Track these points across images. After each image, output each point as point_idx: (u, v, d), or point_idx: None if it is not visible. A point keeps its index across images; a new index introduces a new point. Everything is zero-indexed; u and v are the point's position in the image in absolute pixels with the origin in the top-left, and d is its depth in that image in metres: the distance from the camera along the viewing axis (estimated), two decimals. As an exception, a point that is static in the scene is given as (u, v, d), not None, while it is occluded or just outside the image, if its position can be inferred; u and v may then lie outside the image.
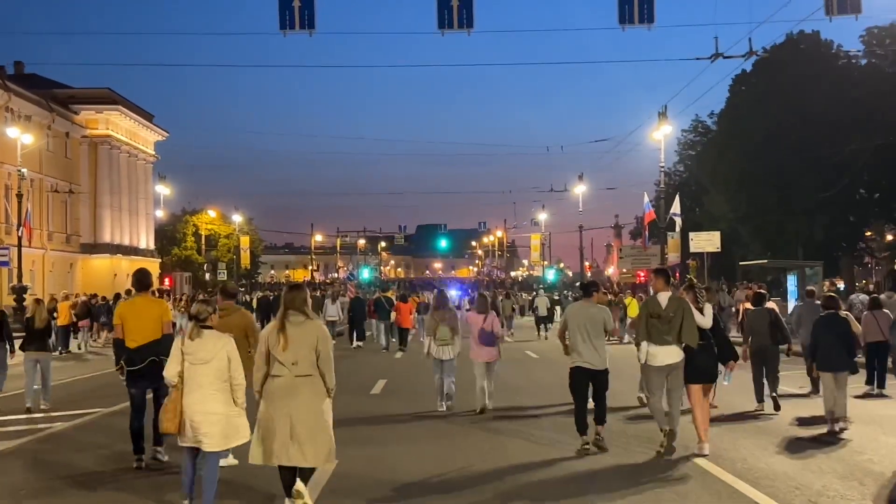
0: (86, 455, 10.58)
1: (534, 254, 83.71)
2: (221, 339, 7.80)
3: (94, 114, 64.63)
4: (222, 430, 7.60)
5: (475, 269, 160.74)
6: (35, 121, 56.09)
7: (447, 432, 12.22)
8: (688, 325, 10.19)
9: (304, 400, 7.36)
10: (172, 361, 7.78)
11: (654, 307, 10.36)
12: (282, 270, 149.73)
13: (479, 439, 11.53)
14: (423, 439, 11.64)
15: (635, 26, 18.74)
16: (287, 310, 7.52)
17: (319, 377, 7.44)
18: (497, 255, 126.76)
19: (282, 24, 18.70)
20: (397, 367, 22.65)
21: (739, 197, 50.20)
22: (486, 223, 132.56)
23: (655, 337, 10.22)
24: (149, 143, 74.81)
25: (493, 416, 13.35)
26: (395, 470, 9.54)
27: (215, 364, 7.63)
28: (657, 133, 37.57)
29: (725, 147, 52.87)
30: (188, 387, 7.64)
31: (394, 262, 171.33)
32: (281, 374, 7.39)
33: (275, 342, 7.41)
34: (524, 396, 15.75)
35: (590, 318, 10.63)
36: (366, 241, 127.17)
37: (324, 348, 7.47)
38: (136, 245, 71.15)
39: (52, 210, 59.74)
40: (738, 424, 12.48)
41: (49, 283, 56.91)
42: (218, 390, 7.62)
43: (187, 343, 7.71)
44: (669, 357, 10.21)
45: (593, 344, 10.56)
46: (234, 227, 79.87)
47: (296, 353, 7.37)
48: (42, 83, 62.66)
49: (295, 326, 7.43)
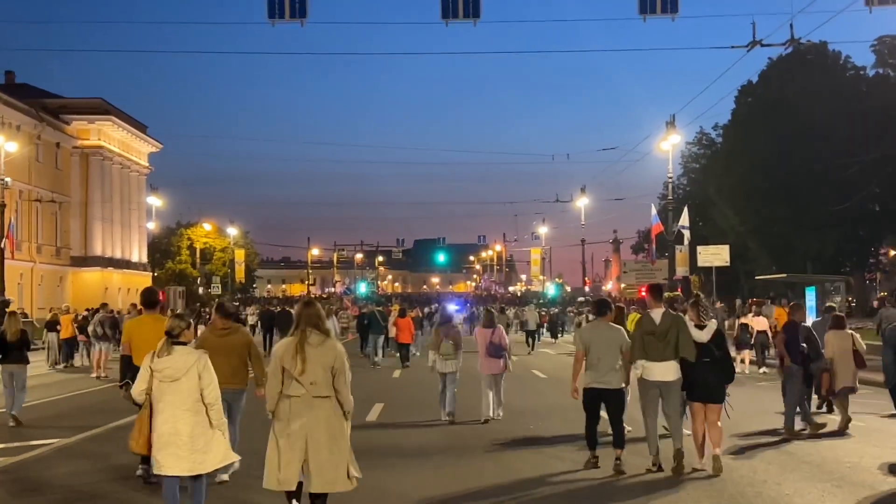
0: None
1: (534, 268, 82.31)
2: (193, 356, 7.25)
3: (86, 124, 63.39)
4: (192, 454, 7.07)
5: (473, 283, 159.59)
6: (24, 130, 54.82)
7: (455, 465, 10.87)
8: (683, 339, 10.09)
9: (322, 422, 7.04)
10: (140, 379, 7.30)
11: (649, 324, 10.28)
12: (278, 285, 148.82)
13: (488, 467, 10.32)
14: (427, 464, 10.46)
15: (657, 16, 17.36)
16: (306, 328, 7.14)
17: (335, 398, 7.10)
18: (496, 269, 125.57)
19: (270, 13, 17.28)
20: (395, 387, 20.96)
21: (747, 210, 49.07)
22: (485, 237, 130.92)
23: (651, 354, 10.14)
24: (142, 155, 73.54)
25: (503, 443, 12.14)
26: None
27: (186, 382, 7.12)
28: (665, 143, 36.26)
29: (732, 160, 51.84)
30: (157, 407, 7.15)
31: (391, 277, 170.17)
32: (297, 393, 7.05)
33: (292, 361, 7.04)
34: (532, 419, 14.39)
35: (604, 338, 10.37)
36: (363, 255, 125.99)
37: (341, 368, 7.12)
38: (129, 258, 69.79)
39: (41, 222, 58.37)
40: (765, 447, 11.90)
41: (38, 296, 55.54)
42: (189, 410, 7.10)
43: (156, 360, 7.19)
44: (665, 374, 10.12)
45: (607, 364, 10.24)
46: (229, 240, 78.64)
47: (314, 373, 7.03)
48: (33, 93, 61.60)
49: (313, 346, 7.09)
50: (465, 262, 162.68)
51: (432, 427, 13.76)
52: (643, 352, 10.20)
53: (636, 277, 49.17)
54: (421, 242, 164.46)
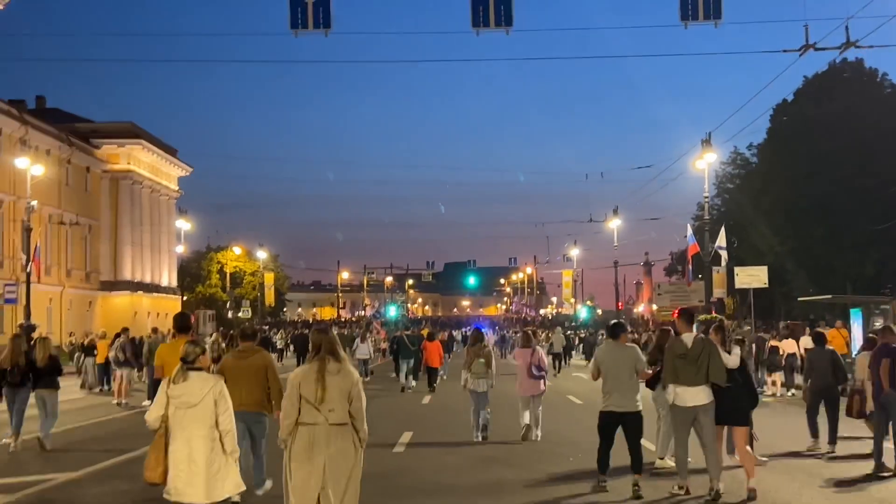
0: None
1: (565, 290, 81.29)
2: (209, 382, 7.22)
3: (116, 148, 63.41)
4: (206, 480, 7.03)
5: (504, 306, 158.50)
6: (54, 155, 54.88)
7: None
8: (714, 364, 9.98)
9: (339, 450, 6.91)
10: (156, 405, 7.25)
11: (680, 348, 10.18)
12: (309, 308, 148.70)
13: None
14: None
15: (700, 23, 16.55)
16: (325, 355, 7.03)
17: (351, 426, 6.98)
18: (527, 292, 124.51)
19: (293, 23, 16.65)
20: (425, 414, 20.16)
21: (785, 231, 47.97)
22: (516, 259, 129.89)
23: (683, 378, 10.03)
24: (172, 179, 73.53)
25: (541, 481, 11.26)
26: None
27: (202, 408, 7.09)
28: (700, 162, 35.37)
29: (769, 179, 50.76)
30: (173, 434, 7.09)
31: (421, 300, 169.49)
32: (315, 421, 6.90)
33: (311, 389, 6.90)
34: (571, 449, 13.39)
35: (619, 360, 10.49)
36: (393, 278, 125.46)
37: (357, 395, 7.02)
38: (158, 282, 69.60)
39: (71, 246, 58.31)
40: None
41: (67, 321, 55.38)
42: (205, 437, 7.08)
43: (172, 386, 7.15)
44: (697, 398, 10.00)
45: (623, 386, 10.36)
46: (258, 264, 78.47)
47: (332, 401, 6.92)
48: (63, 117, 61.79)
49: (332, 374, 6.96)
50: (495, 285, 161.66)
51: (464, 458, 12.91)
52: (675, 376, 10.10)
53: (670, 300, 48.02)
54: (451, 265, 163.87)
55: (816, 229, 46.55)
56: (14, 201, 48.50)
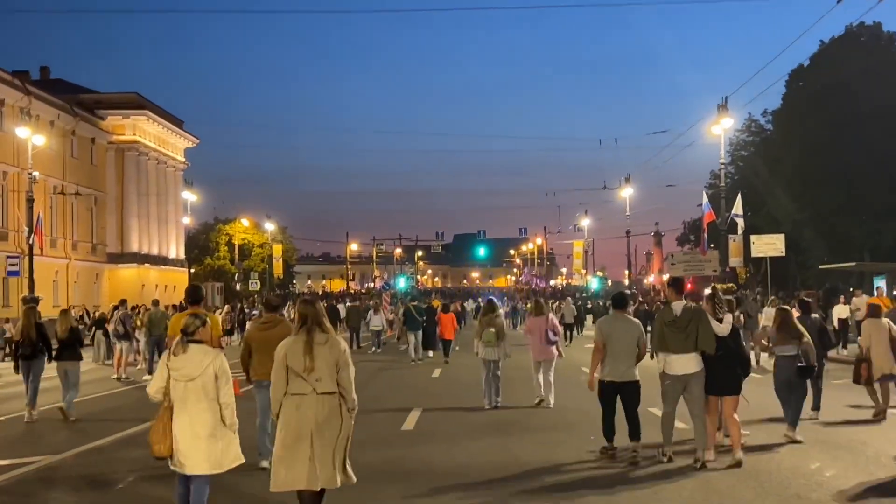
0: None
1: (576, 261, 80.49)
2: (209, 355, 7.19)
3: (121, 119, 62.72)
4: (208, 453, 7.05)
5: (513, 278, 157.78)
6: (58, 126, 54.19)
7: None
8: (704, 332, 9.97)
9: (328, 420, 6.92)
10: (156, 378, 7.26)
11: (668, 315, 10.24)
12: (318, 281, 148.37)
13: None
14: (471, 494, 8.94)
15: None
16: (312, 326, 7.07)
17: (339, 394, 7.00)
18: (536, 263, 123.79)
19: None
20: (435, 389, 19.27)
21: (803, 199, 47.04)
22: (526, 229, 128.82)
23: (672, 346, 10.05)
24: (178, 150, 72.82)
25: (561, 466, 10.54)
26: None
27: (202, 381, 7.08)
28: (716, 127, 34.51)
29: (785, 146, 49.76)
30: (175, 406, 7.10)
31: (431, 272, 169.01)
32: (303, 391, 6.93)
33: (299, 360, 6.94)
34: (591, 428, 12.33)
35: (621, 331, 10.58)
36: (402, 250, 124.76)
37: (345, 364, 7.05)
38: (166, 255, 69.09)
39: (76, 218, 57.74)
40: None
41: (74, 294, 54.94)
42: (206, 410, 7.07)
43: (172, 359, 7.17)
44: (687, 366, 9.99)
45: (622, 357, 10.46)
46: (267, 236, 77.87)
47: (320, 371, 6.94)
48: (68, 88, 61.06)
49: (320, 344, 7.01)
50: (505, 256, 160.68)
51: (477, 437, 12.17)
52: (664, 344, 10.14)
53: (684, 269, 47.20)
54: (460, 237, 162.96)
55: (834, 197, 45.60)
56: (18, 173, 47.81)
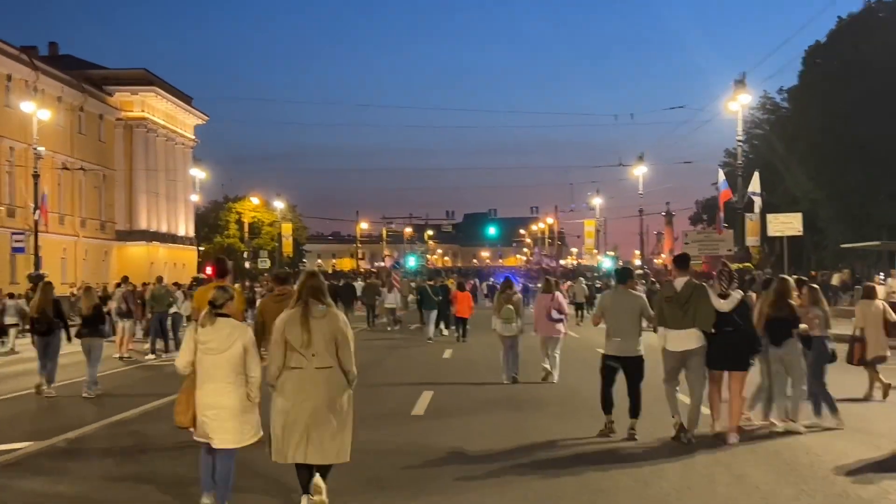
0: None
1: (588, 241, 79.65)
2: (238, 329, 7.14)
3: (130, 95, 62.24)
4: (235, 426, 7.02)
5: (523, 257, 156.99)
6: (66, 101, 53.72)
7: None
8: (702, 309, 9.84)
9: (325, 393, 6.91)
10: (184, 351, 7.22)
11: (668, 291, 10.25)
12: (328, 259, 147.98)
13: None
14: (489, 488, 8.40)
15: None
16: (308, 299, 6.99)
17: (339, 368, 6.99)
18: (547, 243, 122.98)
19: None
20: (446, 371, 18.60)
21: (820, 178, 46.25)
22: (538, 208, 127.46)
23: (671, 321, 10.02)
24: (187, 127, 72.30)
25: (581, 457, 10.03)
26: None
27: (230, 355, 7.03)
28: (733, 103, 33.77)
29: (802, 123, 48.93)
30: (200, 378, 7.07)
31: (441, 251, 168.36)
32: (301, 365, 6.92)
33: (296, 334, 6.92)
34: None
35: (623, 305, 10.52)
36: (412, 229, 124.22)
37: (344, 338, 7.01)
38: (175, 232, 68.72)
39: (85, 195, 57.33)
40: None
41: (82, 271, 54.58)
42: (232, 383, 7.02)
43: (200, 331, 7.09)
44: (685, 342, 9.92)
45: (625, 331, 10.37)
46: (276, 214, 77.40)
47: (316, 345, 6.92)
48: (76, 64, 60.55)
49: (317, 318, 6.95)
50: (515, 236, 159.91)
51: (491, 426, 11.45)
52: (663, 319, 10.14)
53: (699, 248, 46.49)
54: (471, 216, 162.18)
55: (853, 176, 44.84)
56: (25, 149, 47.25)
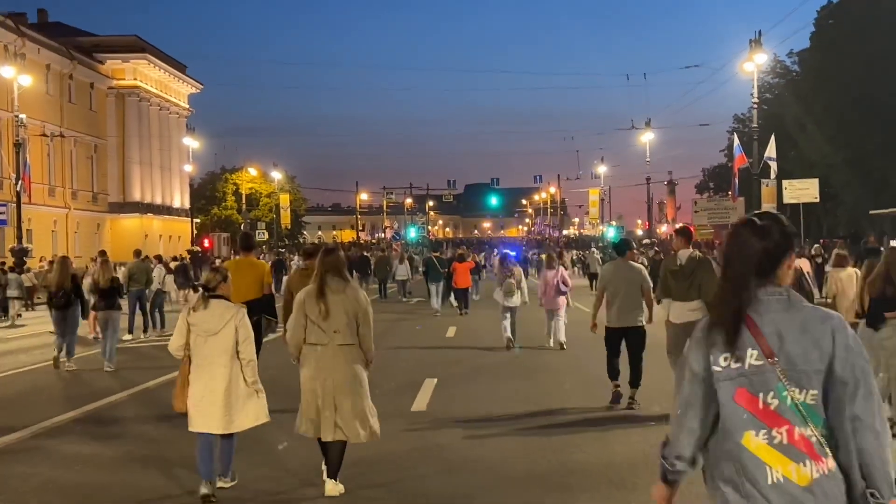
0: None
1: (592, 210, 78.20)
2: (230, 310, 7.03)
3: (121, 63, 60.64)
4: (225, 412, 6.86)
5: (525, 228, 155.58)
6: (55, 69, 52.13)
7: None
8: (707, 281, 9.61)
9: (348, 371, 6.88)
10: (177, 334, 7.12)
11: (672, 264, 10.21)
12: (328, 231, 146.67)
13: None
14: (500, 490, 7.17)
15: None
16: (326, 274, 6.97)
17: (359, 346, 6.96)
18: (549, 213, 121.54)
19: None
20: (450, 352, 16.90)
21: (835, 141, 44.66)
22: (541, 177, 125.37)
23: (675, 293, 9.97)
24: (181, 96, 70.68)
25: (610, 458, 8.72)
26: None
27: (222, 337, 6.93)
28: (749, 63, 32.19)
29: (816, 86, 47.27)
30: (194, 362, 6.97)
31: (442, 222, 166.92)
32: (322, 342, 6.89)
33: (314, 309, 6.88)
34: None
35: (624, 278, 10.62)
36: (413, 199, 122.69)
37: (365, 316, 6.98)
38: (170, 204, 67.29)
39: (76, 166, 55.85)
40: None
41: (74, 244, 53.19)
42: (225, 366, 6.91)
43: (192, 314, 7.01)
44: (690, 315, 9.57)
45: (625, 303, 10.48)
46: (274, 185, 75.93)
47: (337, 321, 6.87)
48: (66, 32, 58.93)
49: (335, 293, 6.91)
50: (517, 206, 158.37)
51: (501, 421, 10.15)
52: (667, 291, 10.09)
53: (708, 217, 45.02)
54: (472, 186, 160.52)
55: (870, 139, 43.26)
56: (11, 118, 45.80)
